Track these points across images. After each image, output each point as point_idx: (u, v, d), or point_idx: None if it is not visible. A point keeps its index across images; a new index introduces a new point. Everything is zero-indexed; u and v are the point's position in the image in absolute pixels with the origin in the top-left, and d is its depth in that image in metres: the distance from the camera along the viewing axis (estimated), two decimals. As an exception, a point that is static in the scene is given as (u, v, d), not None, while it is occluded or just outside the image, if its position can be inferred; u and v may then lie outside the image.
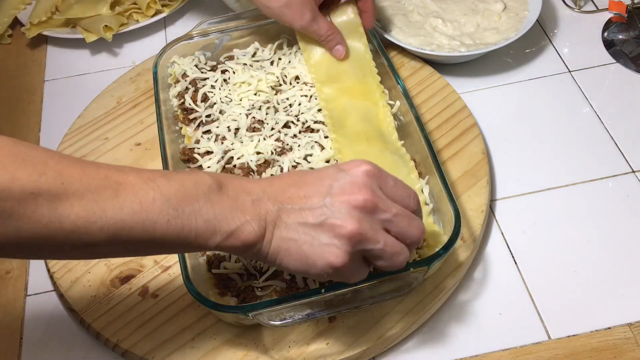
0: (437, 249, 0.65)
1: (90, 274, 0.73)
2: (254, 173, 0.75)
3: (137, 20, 1.03)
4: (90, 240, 0.50)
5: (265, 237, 0.54)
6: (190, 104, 0.83)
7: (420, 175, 0.73)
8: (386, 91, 0.81)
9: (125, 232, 0.50)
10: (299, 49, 0.87)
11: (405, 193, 0.58)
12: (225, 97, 0.83)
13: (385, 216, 0.55)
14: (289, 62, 0.87)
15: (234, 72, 0.85)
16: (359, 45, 0.86)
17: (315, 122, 0.79)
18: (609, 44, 0.95)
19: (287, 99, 0.82)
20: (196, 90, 0.84)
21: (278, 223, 0.54)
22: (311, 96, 0.82)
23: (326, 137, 0.77)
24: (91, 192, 0.49)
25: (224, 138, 0.79)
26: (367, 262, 0.57)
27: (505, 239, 0.76)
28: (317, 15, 0.81)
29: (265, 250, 0.55)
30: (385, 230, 0.55)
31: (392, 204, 0.56)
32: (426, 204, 0.71)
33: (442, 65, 0.92)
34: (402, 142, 0.77)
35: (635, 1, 0.97)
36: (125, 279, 0.73)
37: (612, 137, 0.84)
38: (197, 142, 0.79)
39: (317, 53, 0.85)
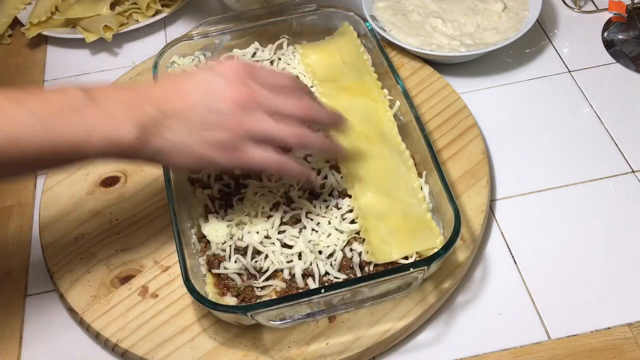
0: (437, 249, 0.65)
1: (90, 274, 0.73)
2: (253, 173, 0.75)
3: (137, 20, 1.03)
4: None
5: (148, 142, 0.59)
6: (190, 104, 0.83)
7: (420, 175, 0.73)
8: (386, 90, 0.81)
9: None
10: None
11: (279, 78, 0.64)
12: (225, 97, 0.83)
13: (262, 100, 0.61)
14: (289, 62, 0.87)
15: (234, 72, 0.85)
16: (353, 46, 0.86)
17: (315, 122, 0.79)
18: (609, 44, 0.95)
19: (287, 99, 0.82)
20: (196, 90, 0.84)
21: (163, 129, 0.59)
22: (311, 96, 0.82)
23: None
24: None
25: (223, 138, 0.79)
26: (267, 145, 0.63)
27: (505, 239, 0.76)
28: None
29: (149, 152, 0.59)
30: (270, 113, 0.61)
31: (267, 91, 0.62)
32: (426, 203, 0.71)
33: (442, 65, 0.92)
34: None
35: (635, 1, 0.97)
36: (125, 279, 0.73)
37: (612, 137, 0.84)
38: (197, 142, 0.79)
39: (315, 54, 0.86)
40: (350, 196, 0.72)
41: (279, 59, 0.87)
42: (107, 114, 0.57)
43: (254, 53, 0.89)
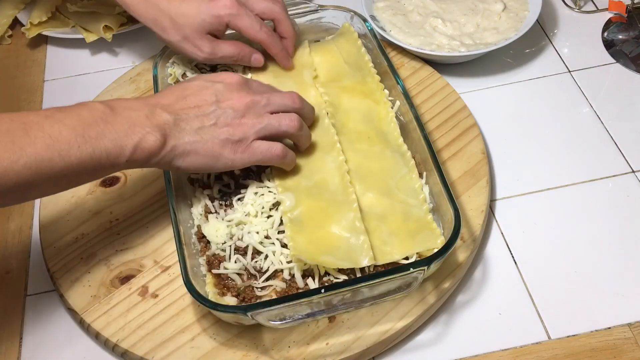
0: (437, 249, 0.65)
1: (90, 274, 0.73)
2: (253, 173, 0.75)
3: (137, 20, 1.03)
4: (20, 179, 0.56)
5: (167, 144, 0.64)
6: (190, 104, 0.83)
7: (420, 175, 0.73)
8: (386, 91, 0.81)
9: (46, 165, 0.57)
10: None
11: (265, 88, 0.73)
12: (225, 97, 0.83)
13: (263, 102, 0.69)
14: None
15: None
16: (354, 47, 0.86)
17: (315, 122, 0.79)
18: (609, 44, 0.95)
19: (287, 99, 0.82)
20: (196, 90, 0.84)
21: (179, 130, 0.65)
22: (311, 96, 0.82)
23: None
24: (4, 134, 0.56)
25: (223, 138, 0.79)
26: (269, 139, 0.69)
27: (505, 239, 0.76)
28: (216, 44, 0.80)
29: (170, 155, 0.64)
30: (269, 113, 0.69)
31: (263, 93, 0.70)
32: (427, 203, 0.71)
33: (442, 65, 0.92)
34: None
35: (635, 1, 0.97)
36: (125, 279, 0.73)
37: (612, 137, 0.84)
38: (197, 142, 0.79)
39: (316, 55, 0.86)
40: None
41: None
42: (133, 123, 0.62)
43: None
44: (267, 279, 0.67)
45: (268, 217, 0.70)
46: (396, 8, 0.96)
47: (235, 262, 0.68)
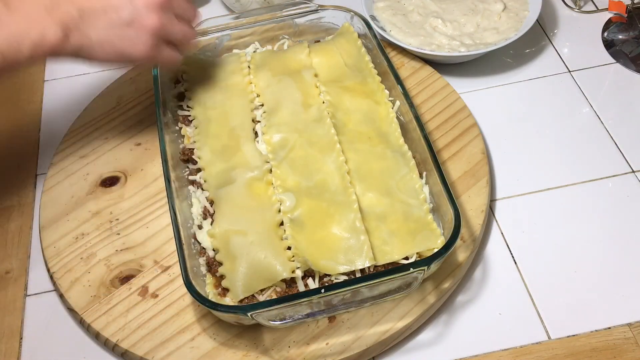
0: (437, 249, 0.65)
1: (90, 274, 0.73)
2: (254, 173, 0.75)
3: (137, 20, 1.03)
4: None
5: (70, 40, 0.63)
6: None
7: (420, 175, 0.73)
8: (387, 91, 0.81)
9: None
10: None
11: None
12: (225, 97, 0.83)
13: (178, 5, 0.70)
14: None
15: (234, 72, 0.85)
16: (354, 47, 0.86)
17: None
18: (609, 44, 0.95)
19: (287, 99, 0.82)
20: (196, 90, 0.84)
21: (85, 26, 0.64)
22: (311, 96, 0.82)
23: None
24: None
25: (223, 138, 0.79)
26: (172, 45, 0.72)
27: (505, 239, 0.76)
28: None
29: (75, 49, 0.64)
30: (177, 16, 0.70)
31: None
32: (427, 203, 0.71)
33: (442, 65, 0.92)
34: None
35: (635, 1, 0.97)
36: (125, 279, 0.73)
37: (612, 137, 0.84)
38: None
39: (316, 56, 0.86)
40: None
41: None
42: (30, 19, 0.60)
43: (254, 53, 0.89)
44: (267, 279, 0.67)
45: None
46: (396, 8, 0.96)
47: (235, 262, 0.68)
